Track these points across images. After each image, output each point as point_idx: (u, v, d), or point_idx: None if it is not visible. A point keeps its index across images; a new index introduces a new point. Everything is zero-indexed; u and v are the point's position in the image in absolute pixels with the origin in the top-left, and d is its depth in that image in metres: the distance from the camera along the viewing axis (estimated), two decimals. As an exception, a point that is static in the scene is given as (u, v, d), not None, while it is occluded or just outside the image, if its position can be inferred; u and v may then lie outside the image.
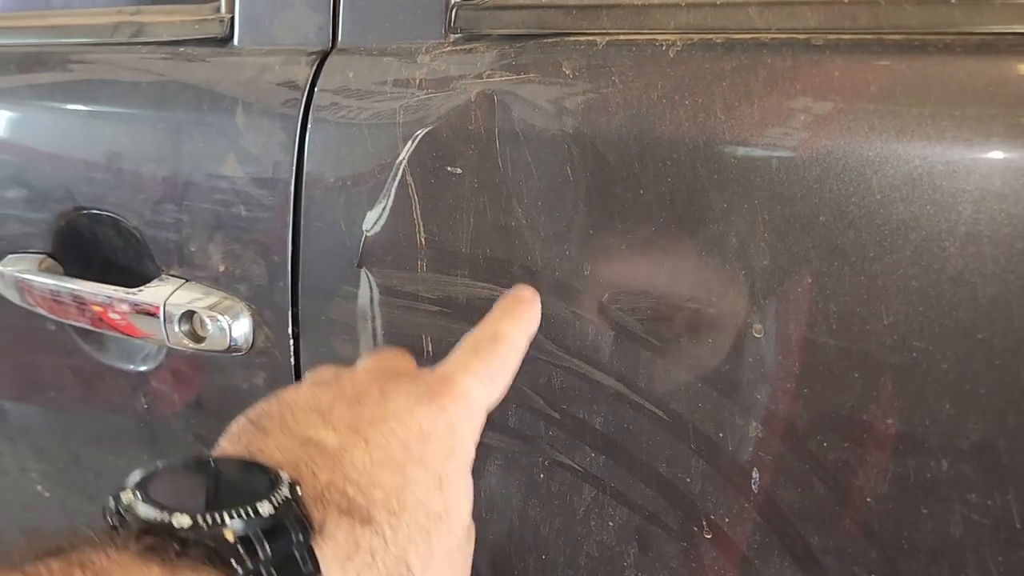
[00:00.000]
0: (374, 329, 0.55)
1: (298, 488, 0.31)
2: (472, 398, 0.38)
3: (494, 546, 0.54)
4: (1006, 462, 0.38)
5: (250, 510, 0.29)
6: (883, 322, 0.39)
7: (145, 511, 0.28)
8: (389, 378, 0.38)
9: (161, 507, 0.28)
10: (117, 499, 0.29)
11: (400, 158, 0.51)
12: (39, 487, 0.84)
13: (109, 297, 0.64)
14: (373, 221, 0.53)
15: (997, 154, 0.36)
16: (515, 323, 0.43)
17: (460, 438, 0.37)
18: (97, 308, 0.65)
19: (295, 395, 0.37)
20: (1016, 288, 0.36)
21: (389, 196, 0.52)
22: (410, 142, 0.51)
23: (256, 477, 0.31)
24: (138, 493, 0.29)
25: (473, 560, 0.56)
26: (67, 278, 0.68)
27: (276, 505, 0.29)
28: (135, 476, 0.30)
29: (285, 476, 0.31)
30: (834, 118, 0.39)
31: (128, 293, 0.63)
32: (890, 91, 0.38)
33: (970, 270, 0.37)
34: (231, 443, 0.35)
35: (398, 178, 0.51)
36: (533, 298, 0.44)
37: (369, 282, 0.54)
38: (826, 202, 0.39)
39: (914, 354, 0.39)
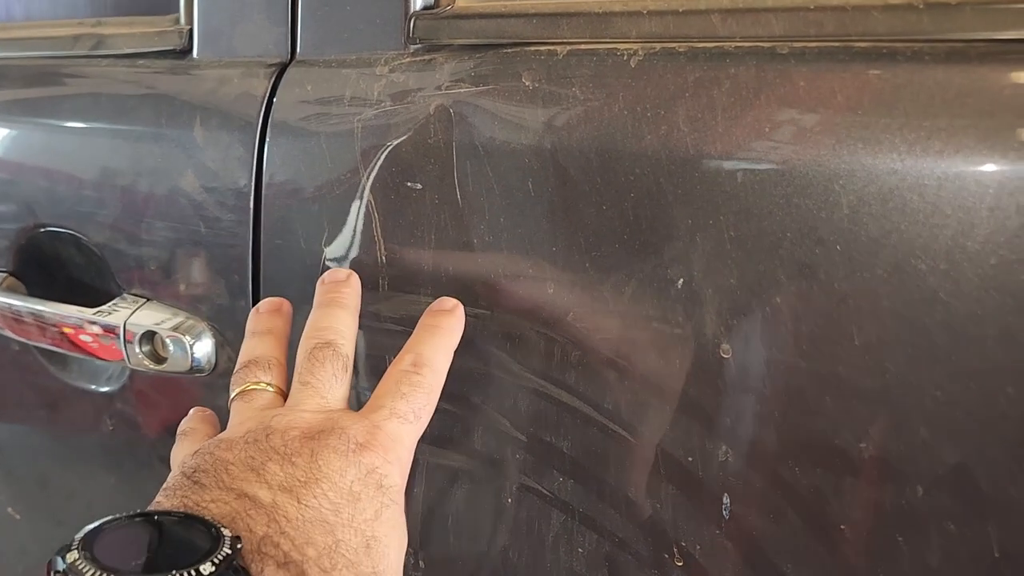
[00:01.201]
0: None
1: (239, 544, 0.32)
2: (401, 440, 0.41)
3: (462, 573, 0.52)
4: (984, 489, 0.36)
5: (193, 572, 0.30)
6: (855, 343, 0.37)
7: (91, 573, 0.29)
8: (319, 435, 0.39)
9: (106, 569, 0.29)
10: (63, 557, 0.30)
11: (360, 173, 0.49)
12: (9, 509, 0.82)
13: (70, 317, 0.63)
14: (332, 238, 0.51)
15: (969, 166, 0.34)
16: (436, 342, 0.44)
17: (389, 493, 0.39)
18: (58, 328, 0.64)
19: (228, 452, 0.38)
20: (992, 307, 0.34)
21: (349, 212, 0.50)
22: (371, 157, 0.49)
23: (198, 533, 0.32)
24: (83, 552, 0.30)
25: (442, 587, 0.54)
26: (28, 298, 0.66)
27: (217, 563, 0.30)
28: (80, 533, 0.31)
29: (226, 532, 0.32)
30: (801, 130, 0.37)
31: (88, 313, 0.61)
32: (857, 101, 0.36)
33: (944, 288, 0.35)
34: (167, 497, 0.36)
35: (358, 194, 0.50)
36: (455, 308, 0.46)
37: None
38: (794, 218, 0.38)
39: (887, 377, 0.37)
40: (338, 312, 0.46)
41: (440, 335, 0.45)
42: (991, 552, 0.36)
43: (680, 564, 0.44)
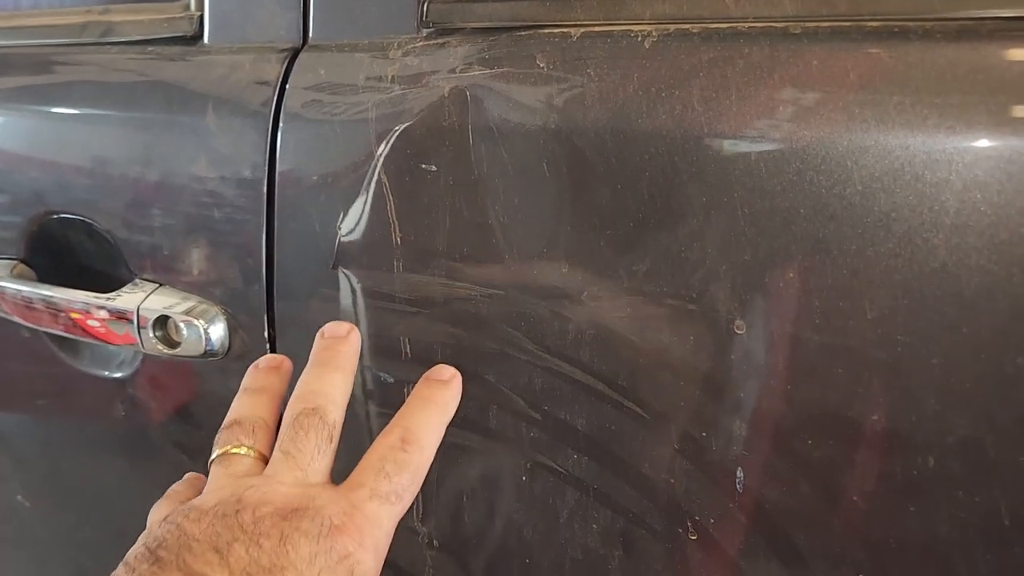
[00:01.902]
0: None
1: None
2: (379, 523, 0.38)
3: (477, 551, 0.53)
4: (993, 458, 0.37)
5: None
6: (867, 316, 0.38)
7: None
8: (292, 514, 0.37)
9: None
10: None
11: (374, 156, 0.50)
12: (19, 497, 0.82)
13: (82, 303, 0.63)
14: (347, 221, 0.51)
15: (980, 142, 0.35)
16: (428, 417, 0.43)
17: None
18: (70, 314, 0.64)
19: (195, 525, 0.36)
20: (1001, 280, 0.35)
21: (363, 195, 0.51)
22: (385, 139, 0.49)
23: None
24: None
25: (457, 564, 0.55)
26: (39, 284, 0.67)
27: None
28: None
29: None
30: (813, 108, 0.38)
31: (101, 298, 0.62)
32: (870, 79, 0.37)
33: (954, 262, 0.36)
34: (126, 571, 0.35)
35: (372, 176, 0.50)
36: (452, 380, 0.45)
37: (348, 283, 0.53)
38: (807, 195, 0.38)
39: (899, 349, 0.38)
40: (332, 375, 0.44)
41: (432, 410, 0.43)
42: (1001, 520, 0.37)
43: (694, 538, 0.45)
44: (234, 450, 0.42)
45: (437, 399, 0.44)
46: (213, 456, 0.43)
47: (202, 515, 0.37)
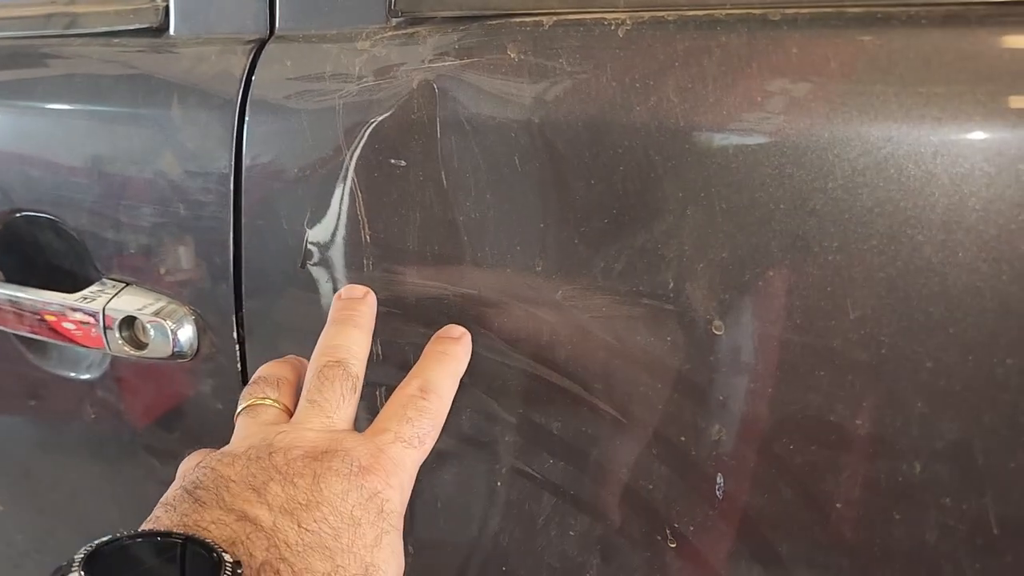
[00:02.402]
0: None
1: (239, 569, 0.32)
2: (404, 465, 0.40)
3: (453, 557, 0.51)
4: (982, 463, 0.35)
5: None
6: (849, 316, 0.36)
7: None
8: (322, 456, 0.38)
9: None
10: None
11: (342, 151, 0.48)
12: (-7, 500, 0.80)
13: (49, 303, 0.61)
14: (315, 218, 0.50)
15: (968, 133, 0.34)
16: (444, 368, 0.44)
17: (390, 519, 0.38)
18: (37, 315, 0.62)
19: (230, 468, 0.37)
20: (989, 277, 0.34)
21: (331, 191, 0.49)
22: (353, 134, 0.47)
23: (199, 558, 0.32)
24: (83, 573, 0.29)
25: (433, 572, 0.53)
26: (5, 284, 0.65)
27: None
28: (81, 552, 0.30)
29: (227, 557, 0.32)
30: (793, 99, 0.36)
31: (67, 299, 0.60)
32: (852, 68, 0.35)
33: (941, 259, 0.34)
34: (167, 512, 0.35)
35: (340, 172, 0.48)
36: (463, 337, 0.46)
37: (320, 283, 0.51)
38: (786, 189, 0.37)
39: (883, 350, 0.36)
40: (351, 331, 0.45)
41: (448, 362, 0.44)
42: (989, 527, 0.35)
43: (673, 545, 0.43)
44: (259, 401, 0.44)
45: (450, 352, 0.45)
46: (239, 409, 0.44)
47: (235, 459, 0.38)
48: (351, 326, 0.45)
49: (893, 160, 0.35)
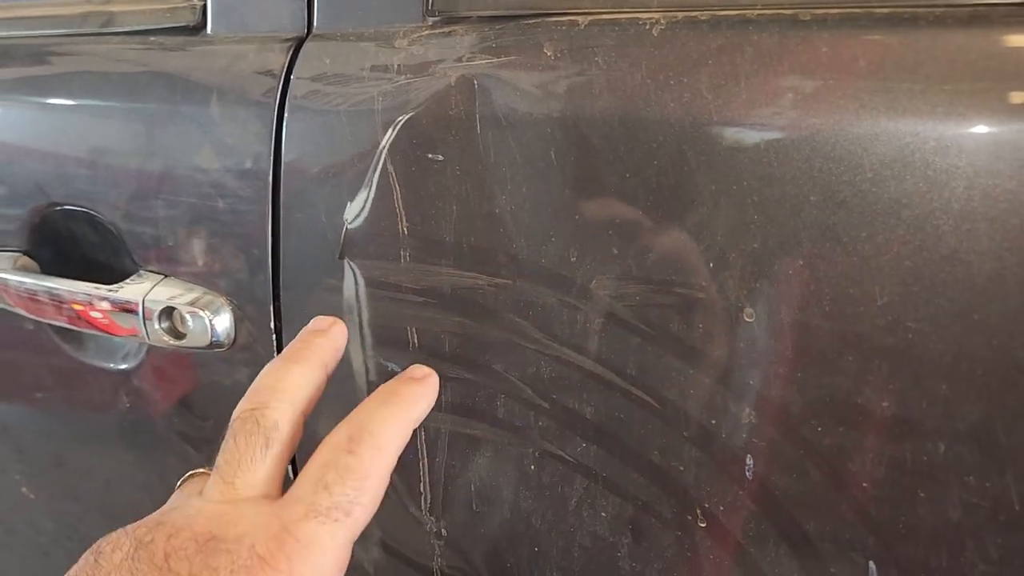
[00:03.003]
0: (360, 322, 0.53)
1: None
2: (319, 548, 0.32)
3: (485, 540, 0.53)
4: (1004, 443, 0.37)
5: None
6: (877, 303, 0.38)
7: None
8: (205, 547, 0.31)
9: None
10: None
11: (380, 146, 0.50)
12: (24, 489, 0.82)
13: (86, 295, 0.63)
14: (354, 211, 0.51)
15: (991, 129, 0.35)
16: (388, 411, 0.36)
17: None
18: (74, 306, 0.64)
19: (109, 560, 0.32)
20: (1012, 265, 0.35)
21: (370, 185, 0.50)
22: (391, 129, 0.49)
23: None
24: None
25: (466, 553, 0.55)
26: (43, 276, 0.66)
27: None
28: None
29: None
30: (823, 95, 0.38)
31: (106, 290, 0.62)
32: (880, 66, 0.37)
33: (965, 248, 0.36)
34: None
35: (379, 166, 0.50)
36: (426, 378, 0.39)
37: (354, 274, 0.53)
38: (816, 182, 0.38)
39: (909, 335, 0.38)
40: (289, 368, 0.38)
41: (395, 404, 0.36)
42: (1012, 505, 0.37)
43: (703, 525, 0.45)
44: (200, 470, 0.39)
45: (402, 393, 0.37)
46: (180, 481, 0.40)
47: (121, 543, 0.32)
48: (291, 362, 0.38)
49: (919, 154, 0.36)
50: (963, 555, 0.39)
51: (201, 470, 0.38)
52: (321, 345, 0.39)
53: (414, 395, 0.37)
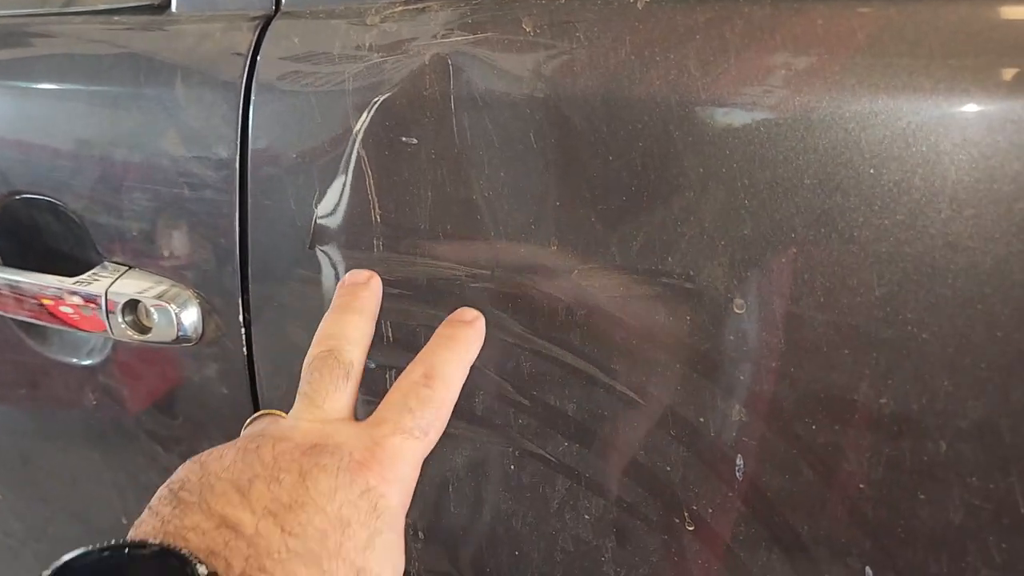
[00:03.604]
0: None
1: None
2: (403, 459, 0.37)
3: (464, 542, 0.51)
4: (1009, 441, 0.35)
5: None
6: (875, 293, 0.36)
7: None
8: (311, 450, 0.36)
9: None
10: None
11: (352, 129, 0.47)
12: (-9, 489, 0.79)
13: (48, 287, 0.60)
14: (324, 198, 0.49)
15: (996, 107, 0.33)
16: (451, 354, 0.41)
17: (384, 518, 0.35)
18: (37, 299, 0.61)
19: (218, 463, 0.36)
20: (1018, 252, 0.33)
21: (340, 171, 0.48)
22: (364, 112, 0.47)
23: (171, 570, 0.30)
24: None
25: (444, 558, 0.53)
26: (3, 268, 0.64)
27: None
28: (50, 569, 0.29)
29: (201, 570, 0.30)
30: (818, 72, 0.36)
31: (68, 283, 0.59)
32: (878, 40, 0.35)
33: (968, 234, 0.34)
34: (150, 517, 0.34)
35: (350, 151, 0.47)
36: (475, 320, 0.43)
37: (328, 264, 0.50)
38: (811, 164, 0.36)
39: (909, 327, 0.35)
40: (349, 317, 0.43)
41: (456, 347, 0.42)
42: (1016, 507, 0.35)
43: (691, 528, 0.43)
44: (267, 411, 0.43)
45: (459, 336, 0.42)
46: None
47: (224, 453, 0.36)
48: (349, 312, 0.43)
49: (921, 133, 0.34)
50: (965, 559, 0.37)
51: (270, 411, 0.42)
52: (368, 297, 0.44)
53: (468, 338, 0.43)
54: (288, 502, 0.34)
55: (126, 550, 0.31)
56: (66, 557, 0.30)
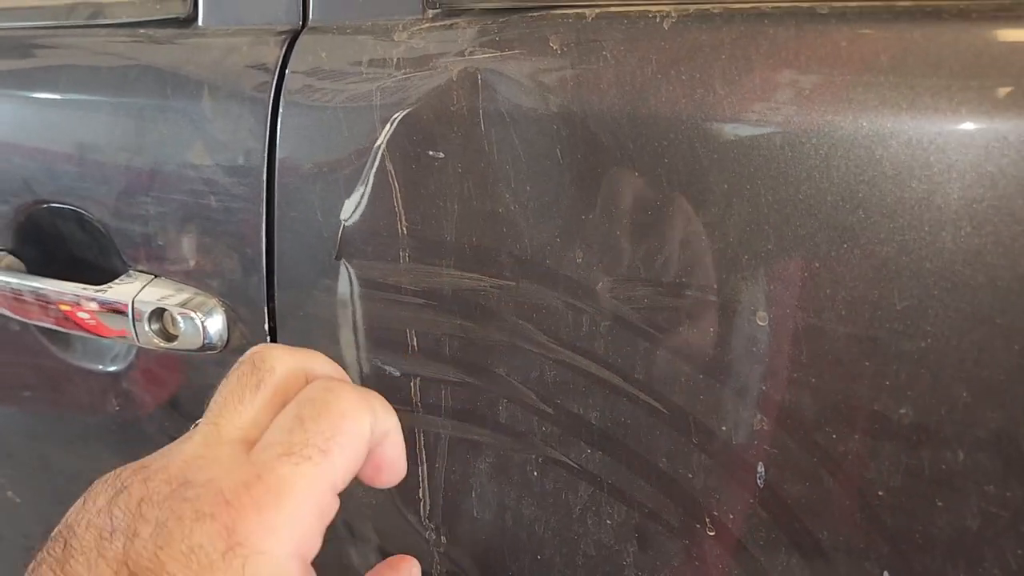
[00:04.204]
0: (354, 323, 0.52)
1: None
2: (293, 493, 0.29)
3: (486, 548, 0.52)
4: (1026, 451, 0.36)
5: None
6: (896, 307, 0.37)
7: None
8: (177, 491, 0.29)
9: None
10: None
11: (378, 142, 0.48)
12: (9, 492, 0.80)
13: (74, 295, 0.61)
14: (351, 210, 0.50)
15: (1016, 127, 0.34)
16: (365, 394, 0.34)
17: None
18: (62, 307, 0.62)
19: (94, 501, 0.30)
20: (1036, 268, 0.34)
21: (368, 183, 0.49)
22: (389, 125, 0.48)
23: None
24: None
25: (466, 562, 0.54)
26: (29, 276, 0.65)
27: None
28: None
29: None
30: (842, 92, 0.37)
31: (94, 291, 0.60)
32: (902, 61, 0.36)
33: (988, 250, 0.35)
34: (46, 554, 0.30)
35: (377, 164, 0.48)
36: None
37: (348, 274, 0.51)
38: (833, 181, 0.37)
39: (929, 340, 0.36)
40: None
41: (370, 396, 0.34)
42: (1033, 514, 0.36)
43: (712, 534, 0.44)
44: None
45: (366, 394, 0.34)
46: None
47: (108, 485, 0.31)
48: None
49: (943, 153, 0.35)
50: (981, 566, 0.38)
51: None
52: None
53: (383, 406, 0.35)
54: (140, 567, 0.27)
55: None
56: None
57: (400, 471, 0.36)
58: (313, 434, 0.30)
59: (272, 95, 0.52)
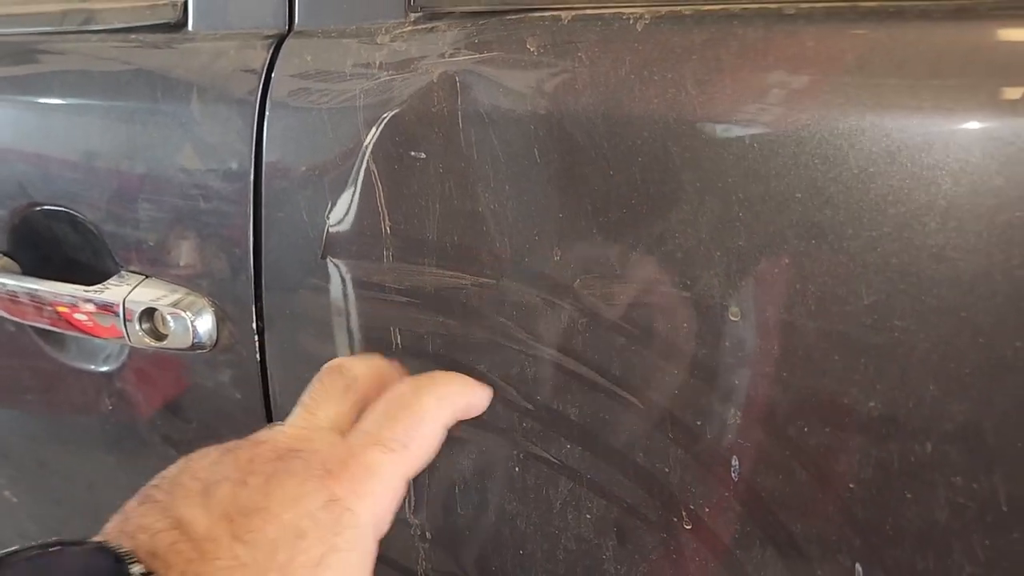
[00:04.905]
0: (348, 323, 0.53)
1: None
2: (377, 473, 0.35)
3: (470, 543, 0.53)
4: (992, 443, 0.36)
5: None
6: (863, 302, 0.37)
7: None
8: (286, 454, 0.35)
9: None
10: None
11: (363, 144, 0.49)
12: (7, 492, 0.81)
13: (67, 296, 0.62)
14: (336, 210, 0.51)
15: (978, 124, 0.35)
16: (449, 380, 0.41)
17: (346, 535, 0.33)
18: (56, 308, 0.63)
19: (199, 462, 0.35)
20: (999, 262, 0.35)
21: (352, 184, 0.50)
22: (374, 128, 0.48)
23: (100, 569, 0.29)
24: None
25: (450, 557, 0.55)
26: (23, 277, 0.66)
27: None
28: None
29: (135, 570, 0.29)
30: (809, 91, 0.38)
31: (86, 291, 0.61)
32: (867, 61, 0.37)
33: (952, 245, 0.36)
34: (119, 513, 0.33)
35: (361, 165, 0.49)
36: (468, 379, 0.42)
37: (339, 274, 0.52)
38: (802, 179, 0.38)
39: (896, 334, 0.37)
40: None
41: (456, 379, 0.41)
42: (999, 505, 0.37)
43: (689, 527, 0.45)
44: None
45: (465, 378, 0.42)
46: None
47: (210, 452, 0.36)
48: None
49: (907, 150, 0.36)
50: (950, 556, 0.38)
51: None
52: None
53: (472, 383, 0.42)
54: (246, 507, 0.32)
55: (60, 547, 0.30)
56: (3, 552, 0.29)
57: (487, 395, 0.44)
58: (399, 430, 0.36)
59: (259, 98, 0.53)
